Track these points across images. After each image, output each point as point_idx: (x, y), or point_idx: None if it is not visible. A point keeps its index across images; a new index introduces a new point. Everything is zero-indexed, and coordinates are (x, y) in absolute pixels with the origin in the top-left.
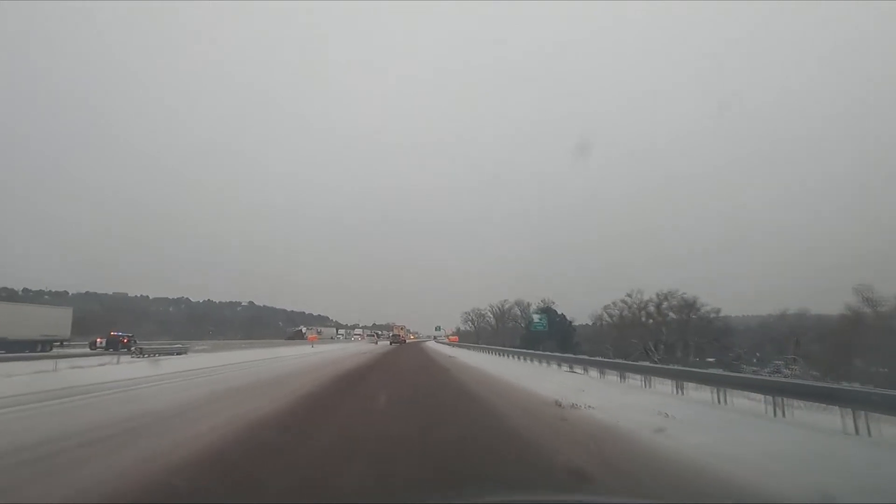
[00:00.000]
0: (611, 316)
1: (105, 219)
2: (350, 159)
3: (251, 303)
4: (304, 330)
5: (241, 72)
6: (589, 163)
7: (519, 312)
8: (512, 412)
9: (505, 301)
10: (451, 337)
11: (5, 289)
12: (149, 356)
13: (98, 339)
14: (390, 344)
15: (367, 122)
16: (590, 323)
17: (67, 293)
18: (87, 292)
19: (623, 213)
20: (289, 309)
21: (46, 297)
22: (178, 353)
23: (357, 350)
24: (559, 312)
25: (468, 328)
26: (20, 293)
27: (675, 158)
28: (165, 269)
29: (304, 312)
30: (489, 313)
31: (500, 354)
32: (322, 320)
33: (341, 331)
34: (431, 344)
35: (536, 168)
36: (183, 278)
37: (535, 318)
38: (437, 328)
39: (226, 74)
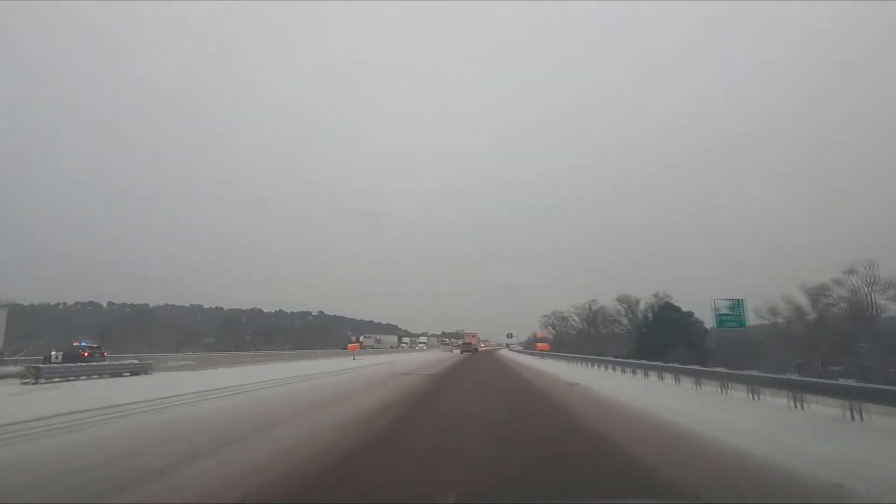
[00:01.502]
0: (800, 311)
1: (185, 242)
2: (409, 169)
3: (321, 312)
4: (361, 339)
5: (310, 92)
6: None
7: (622, 310)
8: None
9: (592, 301)
10: (539, 344)
11: (91, 302)
12: (57, 379)
13: (53, 353)
14: (461, 353)
15: (428, 130)
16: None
17: (148, 305)
18: (165, 304)
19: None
20: (358, 318)
21: (128, 309)
22: (132, 373)
23: (409, 366)
24: (684, 310)
25: (547, 333)
26: (104, 306)
27: None
28: (241, 281)
29: (372, 321)
30: (574, 315)
31: (648, 374)
32: (391, 329)
33: (405, 339)
34: (508, 354)
35: (612, 147)
36: (257, 290)
37: (723, 306)
38: (509, 335)
39: (298, 98)
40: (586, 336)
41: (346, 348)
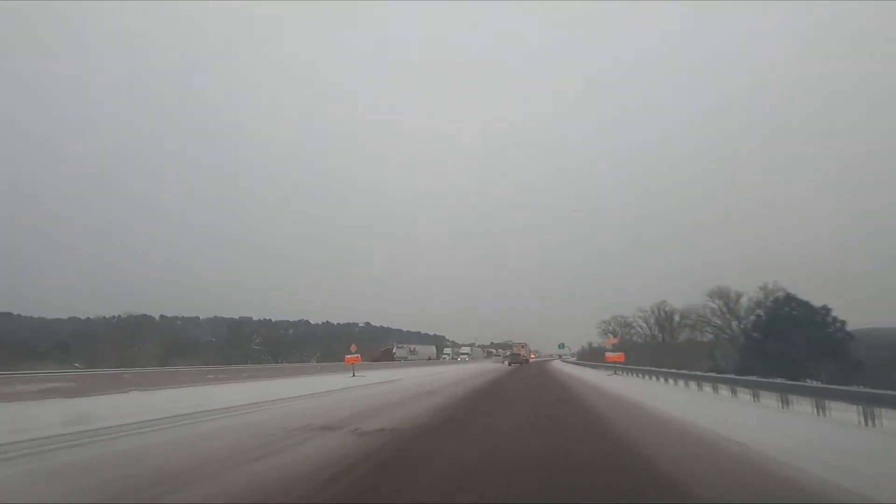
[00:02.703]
0: None
1: (239, 256)
2: (457, 174)
3: (367, 323)
4: (394, 349)
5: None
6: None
7: (717, 308)
8: None
9: (662, 302)
10: (610, 355)
11: (143, 315)
12: None
13: None
14: (508, 364)
15: (471, 133)
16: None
17: (199, 318)
18: (215, 317)
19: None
20: (405, 329)
21: (178, 321)
22: None
23: (404, 392)
24: (815, 305)
25: (608, 342)
26: (157, 319)
27: None
28: (290, 292)
29: (419, 332)
30: (640, 321)
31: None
32: (437, 340)
33: (447, 350)
34: (564, 367)
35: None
36: (306, 301)
37: None
38: (561, 345)
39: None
40: (659, 345)
41: (375, 360)
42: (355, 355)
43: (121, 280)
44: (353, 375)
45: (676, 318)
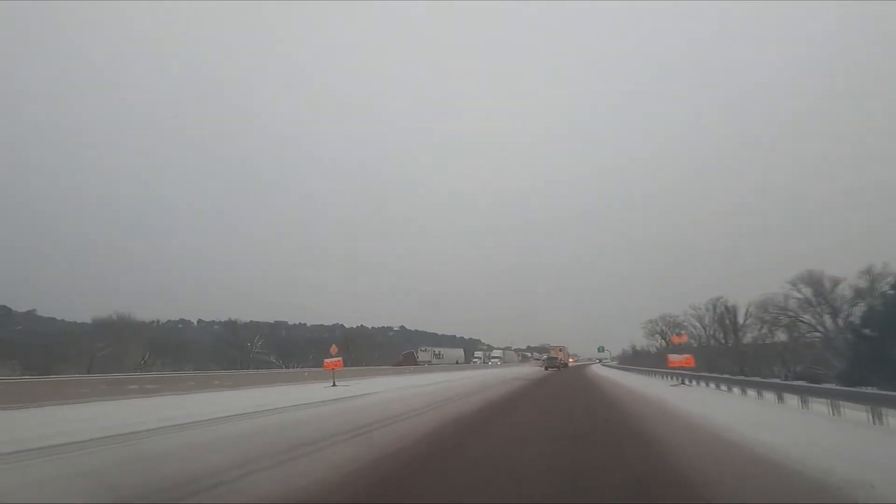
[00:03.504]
0: None
1: (272, 261)
2: (494, 176)
3: (402, 327)
4: (418, 353)
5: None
6: None
7: (807, 299)
8: None
9: (717, 298)
10: (674, 359)
11: (182, 319)
12: None
13: None
14: (545, 369)
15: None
16: None
17: (237, 321)
18: (250, 321)
19: None
20: (440, 333)
21: (216, 326)
22: None
23: (334, 424)
24: None
25: (650, 344)
26: (195, 323)
27: None
28: (325, 298)
29: (454, 336)
30: (693, 320)
31: None
32: (472, 343)
33: (478, 353)
34: (609, 374)
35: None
36: (342, 306)
37: None
38: (601, 349)
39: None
40: (721, 347)
41: (398, 364)
42: (336, 359)
43: (160, 284)
44: (334, 385)
45: (741, 314)
